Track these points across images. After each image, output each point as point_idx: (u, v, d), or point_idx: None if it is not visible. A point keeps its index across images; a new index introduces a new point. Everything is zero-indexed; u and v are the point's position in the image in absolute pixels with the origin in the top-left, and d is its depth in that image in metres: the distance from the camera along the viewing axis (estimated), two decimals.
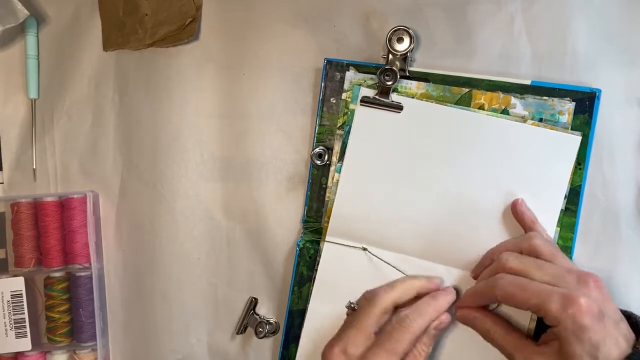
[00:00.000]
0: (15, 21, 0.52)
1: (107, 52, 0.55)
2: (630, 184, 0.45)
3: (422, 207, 0.46)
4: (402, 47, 0.46)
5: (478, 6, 0.47)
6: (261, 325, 0.50)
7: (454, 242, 0.46)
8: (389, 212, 0.47)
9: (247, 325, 0.52)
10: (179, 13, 0.52)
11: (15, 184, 0.56)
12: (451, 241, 0.46)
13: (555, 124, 0.45)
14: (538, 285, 0.38)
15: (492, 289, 0.40)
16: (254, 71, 0.52)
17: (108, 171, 0.55)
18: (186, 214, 0.53)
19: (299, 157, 0.51)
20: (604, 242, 0.45)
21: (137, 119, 0.54)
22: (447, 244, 0.46)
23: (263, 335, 0.50)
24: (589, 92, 0.44)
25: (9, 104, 0.56)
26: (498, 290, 0.39)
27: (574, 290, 0.37)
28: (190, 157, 0.53)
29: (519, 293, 0.38)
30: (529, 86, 0.45)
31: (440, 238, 0.46)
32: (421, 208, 0.46)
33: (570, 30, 0.45)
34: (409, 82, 0.47)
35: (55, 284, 0.53)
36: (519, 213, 0.44)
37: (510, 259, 0.40)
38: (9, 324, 0.52)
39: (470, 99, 0.46)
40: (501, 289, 0.39)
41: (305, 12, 0.51)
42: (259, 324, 0.51)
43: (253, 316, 0.51)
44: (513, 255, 0.41)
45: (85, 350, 0.53)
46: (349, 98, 0.48)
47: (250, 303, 0.52)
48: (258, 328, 0.50)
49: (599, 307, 0.36)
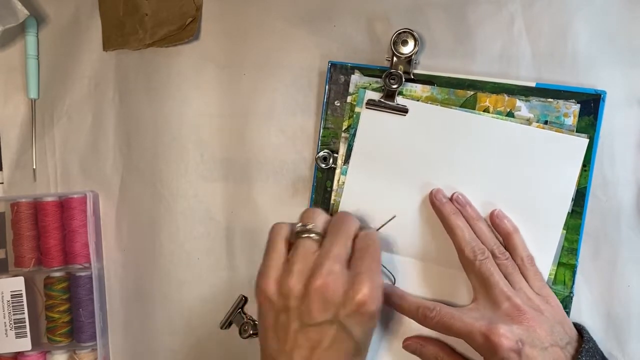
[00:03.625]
0: (15, 21, 0.52)
1: (107, 52, 0.55)
2: (630, 184, 0.45)
3: (429, 210, 0.46)
4: (407, 49, 0.46)
5: (478, 6, 0.47)
6: (246, 325, 0.50)
7: None
8: (394, 214, 0.47)
9: (231, 322, 0.52)
10: (179, 13, 0.52)
11: (15, 184, 0.56)
12: None
13: (560, 127, 0.45)
14: (465, 321, 0.41)
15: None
16: (254, 71, 0.52)
17: (108, 171, 0.55)
18: (186, 214, 0.53)
19: (299, 158, 0.51)
20: (604, 242, 0.45)
21: (137, 119, 0.54)
22: (453, 247, 0.46)
23: (247, 335, 0.50)
24: (593, 93, 0.44)
25: (9, 104, 0.56)
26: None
27: (497, 321, 0.40)
28: (190, 157, 0.53)
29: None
30: (533, 88, 0.45)
31: (447, 241, 0.46)
32: (427, 211, 0.46)
33: (570, 31, 0.45)
34: (413, 85, 0.47)
35: (55, 284, 0.53)
36: (496, 222, 0.45)
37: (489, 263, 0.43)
38: (9, 324, 0.52)
39: (475, 102, 0.46)
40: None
41: (305, 12, 0.51)
42: (244, 324, 0.50)
43: (240, 315, 0.51)
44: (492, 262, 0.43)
45: (85, 350, 0.53)
46: (354, 101, 0.48)
47: (240, 301, 0.52)
48: (243, 327, 0.50)
49: (515, 342, 0.38)
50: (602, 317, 0.45)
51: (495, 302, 0.41)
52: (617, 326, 0.45)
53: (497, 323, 0.39)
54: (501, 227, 0.45)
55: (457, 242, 0.44)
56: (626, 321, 0.45)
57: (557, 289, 0.45)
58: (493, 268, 0.42)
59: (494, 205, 0.45)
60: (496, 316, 0.40)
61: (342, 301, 0.39)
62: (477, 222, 0.45)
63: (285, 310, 0.40)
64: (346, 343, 0.39)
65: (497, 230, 0.45)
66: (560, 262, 0.45)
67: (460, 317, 0.41)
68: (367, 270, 0.40)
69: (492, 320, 0.40)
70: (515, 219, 0.45)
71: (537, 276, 0.44)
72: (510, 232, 0.44)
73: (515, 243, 0.44)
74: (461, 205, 0.45)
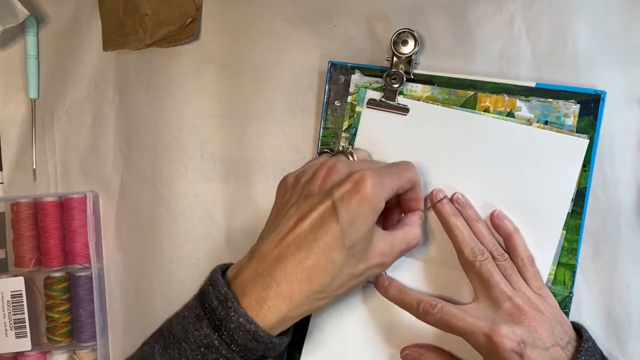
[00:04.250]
0: (15, 21, 0.52)
1: (107, 52, 0.55)
2: (630, 184, 0.45)
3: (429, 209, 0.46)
4: (407, 49, 0.46)
5: (478, 6, 0.47)
6: None
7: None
8: None
9: None
10: (179, 13, 0.52)
11: (15, 184, 0.56)
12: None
13: (560, 127, 0.45)
14: (468, 320, 0.40)
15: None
16: (254, 71, 0.52)
17: (108, 171, 0.55)
18: (186, 214, 0.53)
19: (299, 158, 0.51)
20: (604, 242, 0.45)
21: (137, 119, 0.54)
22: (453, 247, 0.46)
23: None
24: (593, 94, 0.44)
25: (9, 104, 0.56)
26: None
27: (499, 321, 0.39)
28: (190, 157, 0.53)
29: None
30: (533, 88, 0.45)
31: (446, 241, 0.45)
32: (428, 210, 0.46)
33: (570, 31, 0.45)
34: (414, 85, 0.47)
35: (55, 284, 0.53)
36: (497, 223, 0.45)
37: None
38: (9, 324, 0.52)
39: (475, 102, 0.46)
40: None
41: (305, 12, 0.51)
42: None
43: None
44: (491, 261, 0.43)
45: (85, 350, 0.53)
46: (354, 101, 0.48)
47: None
48: None
49: (517, 343, 0.38)
50: (602, 317, 0.45)
51: (496, 302, 0.41)
52: (617, 326, 0.45)
53: (499, 323, 0.39)
54: (502, 227, 0.45)
55: (457, 243, 0.44)
56: (626, 321, 0.45)
57: (557, 289, 0.45)
58: (493, 269, 0.42)
59: (494, 205, 0.45)
60: (498, 316, 0.40)
61: (342, 179, 0.39)
62: (476, 223, 0.45)
63: (293, 187, 0.41)
64: (330, 226, 0.37)
65: (498, 230, 0.45)
66: (560, 262, 0.45)
67: (463, 316, 0.40)
68: (381, 169, 0.40)
69: (495, 321, 0.40)
70: (515, 219, 0.45)
71: (537, 277, 0.44)
72: (511, 232, 0.44)
73: (515, 243, 0.44)
74: (461, 206, 0.45)
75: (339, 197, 0.38)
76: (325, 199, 0.38)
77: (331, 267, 0.38)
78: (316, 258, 0.37)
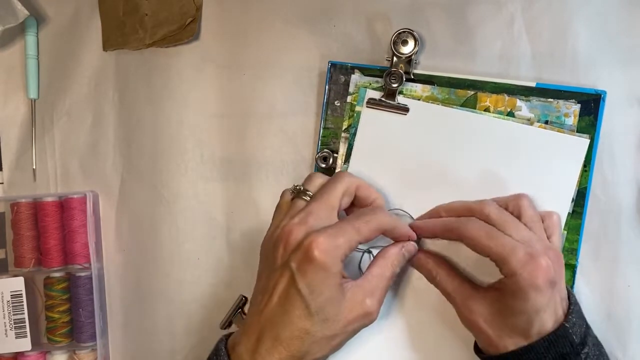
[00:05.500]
0: (15, 21, 0.52)
1: (107, 52, 0.55)
2: (630, 184, 0.45)
3: (428, 209, 0.46)
4: (407, 49, 0.46)
5: (478, 6, 0.47)
6: None
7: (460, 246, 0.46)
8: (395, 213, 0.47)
9: (232, 321, 0.51)
10: (179, 13, 0.52)
11: (15, 184, 0.56)
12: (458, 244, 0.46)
13: (561, 127, 0.45)
14: (506, 238, 0.38)
15: (460, 227, 0.40)
16: (254, 71, 0.52)
17: (108, 171, 0.55)
18: (186, 214, 0.53)
19: (299, 158, 0.51)
20: (604, 242, 0.45)
21: (137, 119, 0.54)
22: (454, 247, 0.45)
23: None
24: (594, 93, 0.44)
25: (9, 104, 0.56)
26: (466, 231, 0.40)
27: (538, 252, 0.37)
28: (190, 157, 0.53)
29: (485, 240, 0.38)
30: (534, 88, 0.45)
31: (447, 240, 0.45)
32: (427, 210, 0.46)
33: (570, 31, 0.45)
34: (414, 84, 0.47)
35: (55, 284, 0.53)
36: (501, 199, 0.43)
37: (492, 209, 0.41)
38: (9, 324, 0.52)
39: (475, 102, 0.46)
40: (469, 231, 0.39)
41: (305, 12, 0.51)
42: None
43: (240, 315, 0.51)
44: (496, 207, 0.41)
45: (85, 350, 0.53)
46: (354, 101, 0.48)
47: (240, 301, 0.51)
48: None
49: (554, 275, 0.37)
50: (602, 317, 0.45)
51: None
52: (617, 326, 0.45)
53: (540, 255, 0.37)
54: (507, 199, 0.43)
55: (486, 247, 0.40)
56: (626, 321, 0.45)
57: None
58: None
59: None
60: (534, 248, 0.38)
61: (297, 246, 0.38)
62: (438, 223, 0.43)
63: (267, 257, 0.42)
64: (294, 298, 0.38)
65: (506, 206, 0.43)
66: None
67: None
68: (336, 227, 0.39)
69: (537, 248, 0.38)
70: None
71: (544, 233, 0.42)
72: (517, 197, 0.43)
73: (522, 206, 0.42)
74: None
75: (295, 267, 0.38)
76: (285, 271, 0.39)
77: (304, 336, 0.38)
78: (290, 330, 0.38)
